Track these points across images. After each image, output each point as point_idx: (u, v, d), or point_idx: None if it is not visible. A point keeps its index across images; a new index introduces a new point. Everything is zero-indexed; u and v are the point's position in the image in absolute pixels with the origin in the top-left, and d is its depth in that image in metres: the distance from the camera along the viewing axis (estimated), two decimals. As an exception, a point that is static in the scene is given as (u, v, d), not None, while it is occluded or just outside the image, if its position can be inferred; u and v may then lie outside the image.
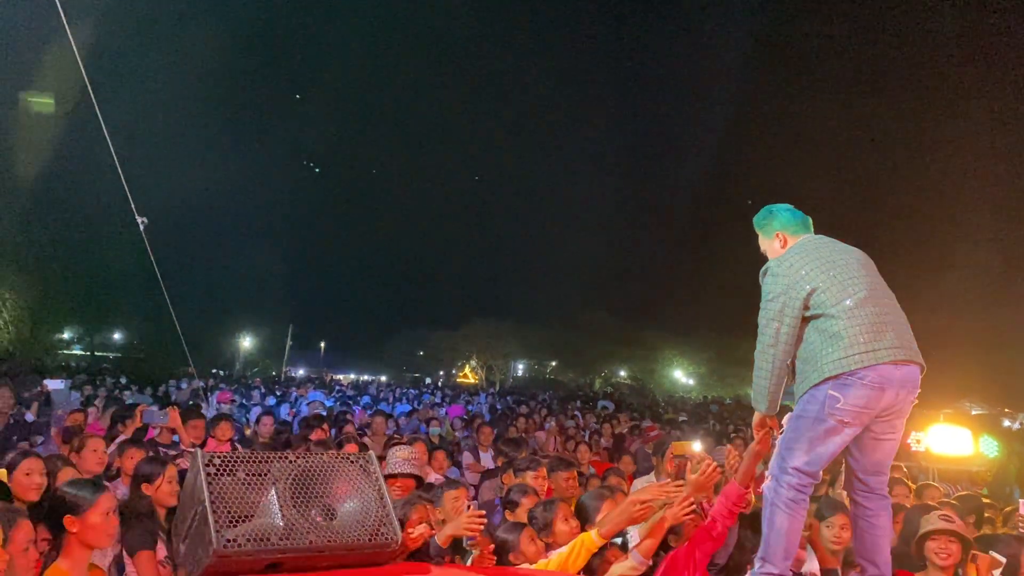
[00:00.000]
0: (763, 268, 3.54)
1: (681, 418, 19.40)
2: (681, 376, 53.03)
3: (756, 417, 3.58)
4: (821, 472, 3.24)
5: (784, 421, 3.37)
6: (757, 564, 3.24)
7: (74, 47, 5.62)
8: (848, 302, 3.22)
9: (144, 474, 4.37)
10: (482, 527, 3.73)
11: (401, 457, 4.80)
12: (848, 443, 3.24)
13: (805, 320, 3.30)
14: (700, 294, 49.69)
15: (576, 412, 18.17)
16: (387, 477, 4.52)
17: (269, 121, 61.64)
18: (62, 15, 5.38)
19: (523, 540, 3.94)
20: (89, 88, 5.87)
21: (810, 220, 3.71)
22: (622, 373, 57.10)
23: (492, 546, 3.52)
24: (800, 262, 3.37)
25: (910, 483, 6.76)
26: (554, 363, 65.53)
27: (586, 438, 11.39)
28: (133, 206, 6.20)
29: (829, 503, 4.66)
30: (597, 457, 10.13)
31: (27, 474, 4.01)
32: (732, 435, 11.40)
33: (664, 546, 3.82)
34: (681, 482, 3.74)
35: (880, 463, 3.36)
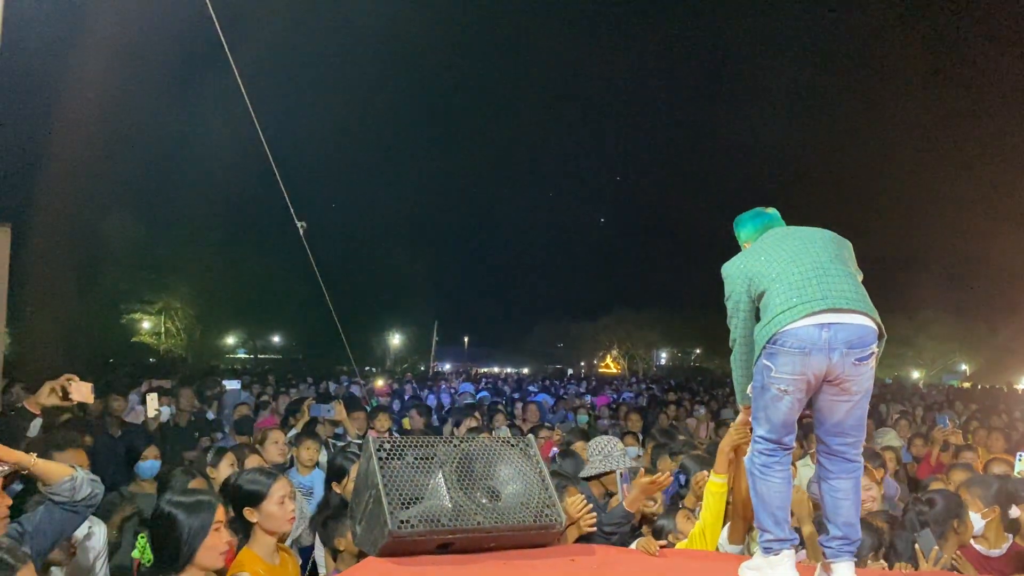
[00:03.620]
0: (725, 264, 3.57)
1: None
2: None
3: (740, 416, 3.72)
4: (788, 436, 3.17)
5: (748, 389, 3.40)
6: (758, 535, 3.23)
7: (229, 56, 5.95)
8: (772, 273, 3.17)
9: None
10: (668, 483, 3.86)
11: (614, 452, 4.87)
12: (800, 405, 3.12)
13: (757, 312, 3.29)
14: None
15: (728, 400, 17.73)
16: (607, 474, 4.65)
17: (414, 128, 63.85)
18: (216, 24, 5.70)
19: (679, 520, 4.09)
20: (246, 96, 6.19)
21: (775, 218, 3.62)
22: (772, 358, 55.08)
23: (663, 542, 3.58)
24: (743, 258, 3.38)
25: None
26: (698, 350, 64.16)
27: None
28: (292, 210, 6.50)
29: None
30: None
31: (231, 465, 4.35)
32: (896, 417, 10.80)
33: None
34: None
35: (839, 425, 3.16)
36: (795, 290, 3.07)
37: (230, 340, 47.11)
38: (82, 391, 3.63)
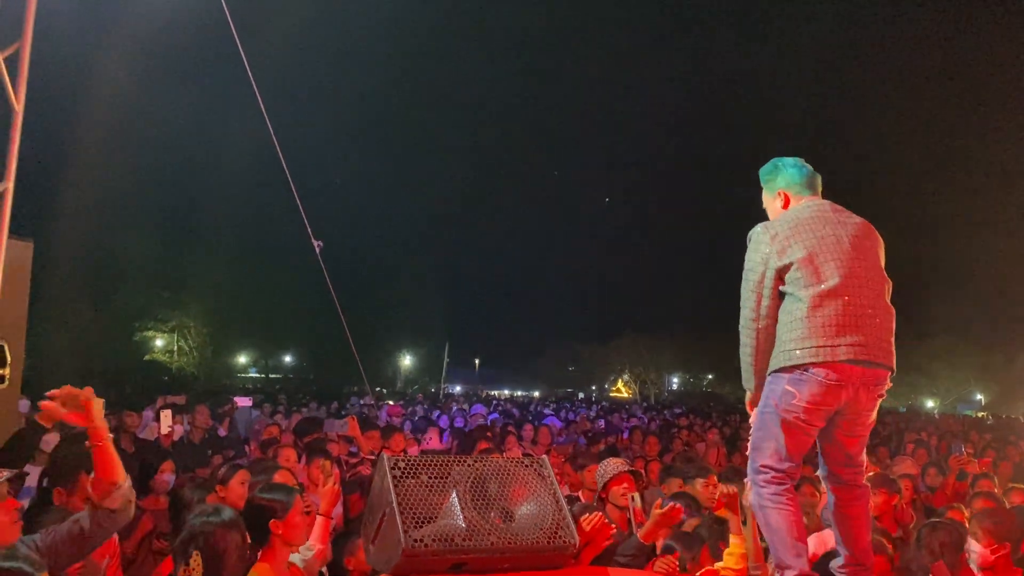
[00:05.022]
0: (750, 233, 3.32)
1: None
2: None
3: (748, 397, 3.39)
4: (795, 466, 3.09)
5: (752, 417, 3.24)
6: (776, 574, 3.10)
7: (251, 78, 6.03)
8: (818, 288, 3.01)
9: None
10: (680, 519, 3.81)
11: (616, 462, 4.96)
12: (815, 435, 3.10)
13: (781, 295, 3.14)
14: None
15: (740, 425, 17.60)
16: (612, 480, 4.73)
17: (429, 150, 64.43)
18: (238, 43, 5.78)
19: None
20: (266, 117, 6.26)
21: (819, 179, 3.41)
22: (785, 384, 54.69)
23: (676, 555, 3.53)
24: (785, 231, 3.15)
25: None
26: (710, 376, 63.77)
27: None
28: (309, 229, 6.54)
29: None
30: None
31: (242, 483, 4.32)
32: (912, 446, 10.68)
33: None
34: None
35: (851, 457, 3.18)
36: (838, 327, 2.98)
37: (242, 359, 47.24)
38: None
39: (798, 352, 2.99)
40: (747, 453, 3.26)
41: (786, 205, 3.37)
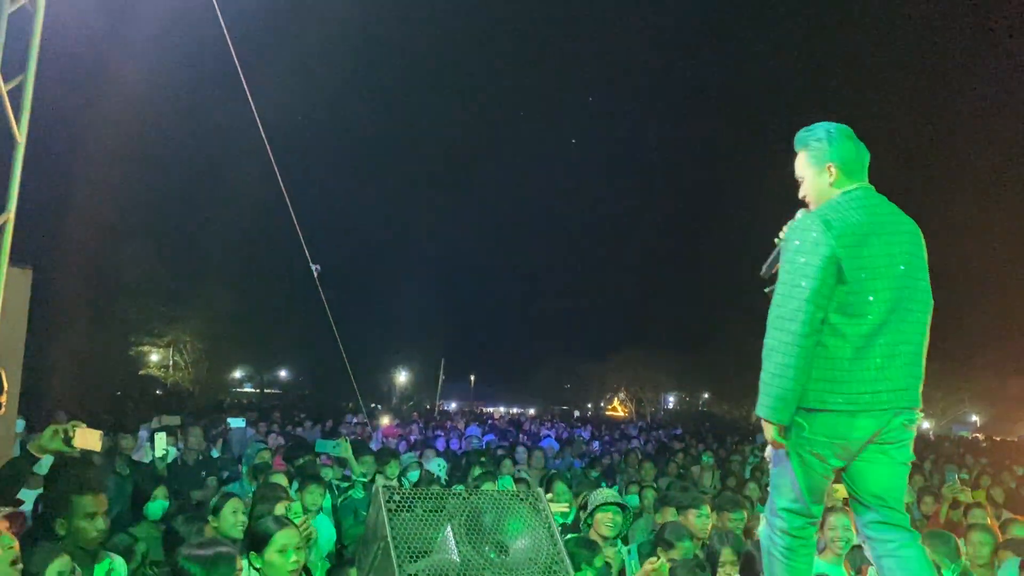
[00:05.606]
0: (797, 223, 2.78)
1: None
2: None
3: (769, 432, 2.79)
4: (817, 508, 2.78)
5: (767, 454, 2.92)
6: None
7: (250, 98, 6.08)
8: (865, 323, 2.62)
9: None
10: None
11: (608, 493, 5.18)
12: (831, 475, 2.76)
13: None
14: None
15: (736, 446, 17.56)
16: (599, 507, 4.87)
17: (425, 166, 64.75)
18: (236, 61, 5.83)
19: None
20: (265, 139, 6.31)
21: (867, 158, 2.88)
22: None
23: None
24: (847, 236, 2.64)
25: None
26: (706, 395, 63.56)
27: (748, 475, 10.92)
28: (308, 253, 6.58)
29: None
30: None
31: (234, 512, 4.27)
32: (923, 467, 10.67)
33: None
34: None
35: (880, 495, 2.74)
36: (884, 370, 2.64)
37: (237, 374, 47.03)
38: (87, 439, 3.48)
39: (831, 397, 2.66)
40: (768, 488, 3.00)
41: (833, 182, 2.86)
